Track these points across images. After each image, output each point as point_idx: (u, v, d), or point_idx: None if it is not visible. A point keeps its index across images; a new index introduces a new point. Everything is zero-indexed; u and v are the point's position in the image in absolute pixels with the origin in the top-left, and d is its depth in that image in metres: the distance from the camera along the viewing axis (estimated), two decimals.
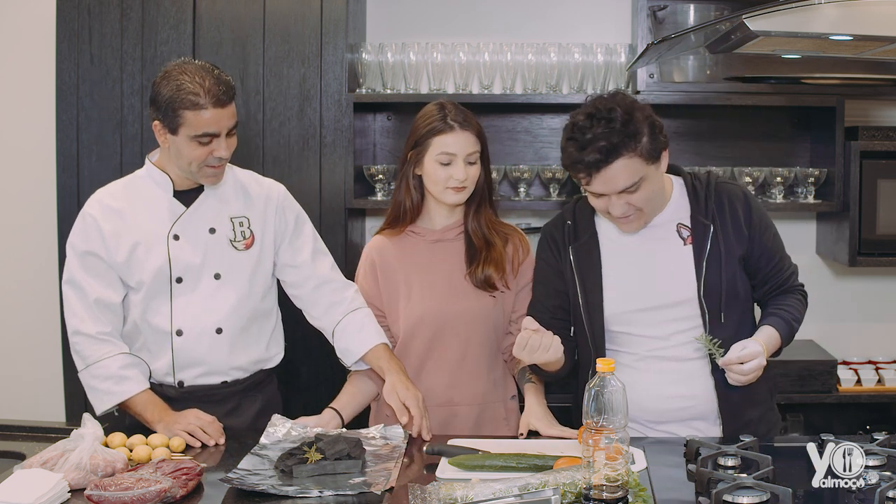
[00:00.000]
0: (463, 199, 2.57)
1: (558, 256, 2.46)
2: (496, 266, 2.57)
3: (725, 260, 2.34)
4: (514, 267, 2.61)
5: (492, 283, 2.57)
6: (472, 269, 2.57)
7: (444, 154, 2.52)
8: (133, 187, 2.51)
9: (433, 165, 2.53)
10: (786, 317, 2.37)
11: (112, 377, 2.42)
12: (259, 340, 2.57)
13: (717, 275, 2.32)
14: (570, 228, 2.45)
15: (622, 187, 2.22)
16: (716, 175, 2.45)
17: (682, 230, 2.38)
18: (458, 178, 2.52)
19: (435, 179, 2.54)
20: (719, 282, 2.32)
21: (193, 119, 2.34)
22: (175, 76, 2.36)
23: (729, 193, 2.39)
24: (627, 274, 2.39)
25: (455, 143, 2.52)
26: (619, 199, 2.24)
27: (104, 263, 2.45)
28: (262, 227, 2.55)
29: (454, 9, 3.77)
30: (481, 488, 1.85)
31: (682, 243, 2.37)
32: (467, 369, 2.58)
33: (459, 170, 2.52)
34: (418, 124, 2.58)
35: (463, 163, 2.53)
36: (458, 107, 2.58)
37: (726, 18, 2.15)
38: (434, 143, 2.53)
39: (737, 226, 2.36)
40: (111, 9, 3.37)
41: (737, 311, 2.37)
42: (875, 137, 3.43)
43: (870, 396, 3.51)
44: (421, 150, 2.55)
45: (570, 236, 2.44)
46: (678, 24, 3.53)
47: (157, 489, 1.89)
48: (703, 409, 2.37)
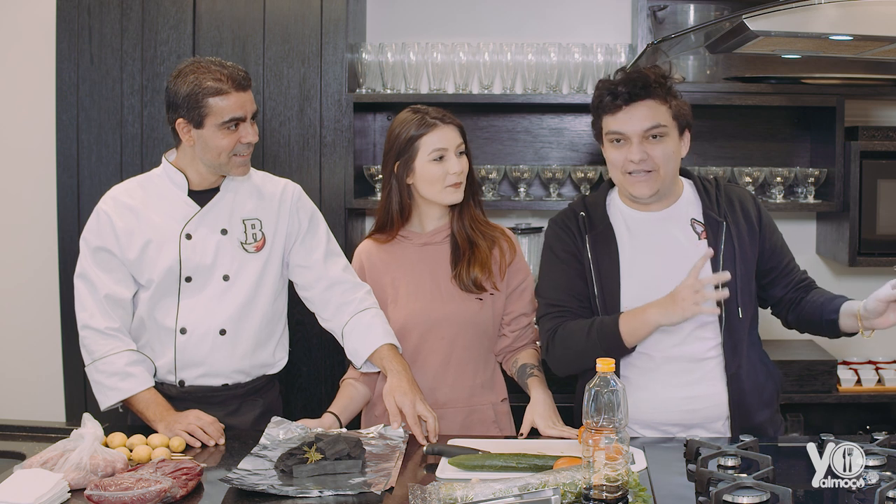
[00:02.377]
0: (461, 196, 2.56)
1: (576, 243, 2.43)
2: (482, 267, 2.56)
3: (740, 256, 2.36)
4: (500, 269, 2.60)
5: (479, 285, 2.56)
6: (457, 270, 2.57)
7: (435, 151, 2.52)
8: (149, 185, 2.52)
9: (427, 166, 2.52)
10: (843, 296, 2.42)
11: (117, 373, 2.42)
12: (266, 344, 2.57)
13: (732, 271, 2.33)
14: (584, 219, 2.46)
15: (647, 125, 2.29)
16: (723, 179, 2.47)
17: (696, 225, 2.40)
18: (455, 170, 2.52)
19: (432, 180, 2.53)
20: (735, 278, 2.33)
21: (219, 105, 2.36)
22: (191, 72, 2.37)
23: (738, 194, 2.45)
24: (644, 264, 2.39)
25: (443, 137, 2.53)
26: (641, 144, 2.30)
27: (116, 259, 2.46)
28: (273, 229, 2.55)
29: (454, 9, 3.77)
30: (481, 488, 1.85)
31: (697, 238, 2.39)
32: (452, 372, 2.57)
33: (454, 163, 2.52)
34: (398, 133, 2.55)
35: (455, 155, 2.53)
36: (432, 107, 2.58)
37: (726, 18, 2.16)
38: (423, 144, 2.52)
39: (749, 224, 2.40)
40: (111, 9, 3.37)
41: (750, 307, 2.39)
42: (875, 137, 3.43)
43: (870, 396, 3.51)
44: (409, 157, 2.53)
45: (585, 226, 2.45)
46: (678, 24, 3.53)
47: (157, 489, 1.89)
48: (715, 412, 2.36)
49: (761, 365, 2.42)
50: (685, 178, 2.48)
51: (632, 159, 2.31)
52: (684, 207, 2.42)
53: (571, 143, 3.79)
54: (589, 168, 3.57)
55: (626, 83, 2.30)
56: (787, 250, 2.48)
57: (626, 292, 2.37)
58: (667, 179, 2.36)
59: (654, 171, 2.32)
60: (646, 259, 2.39)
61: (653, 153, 2.31)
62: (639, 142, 2.30)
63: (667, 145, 2.32)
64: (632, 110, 2.30)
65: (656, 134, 2.30)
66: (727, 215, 2.39)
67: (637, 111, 2.30)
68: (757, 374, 2.39)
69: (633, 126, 2.30)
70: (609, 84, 2.33)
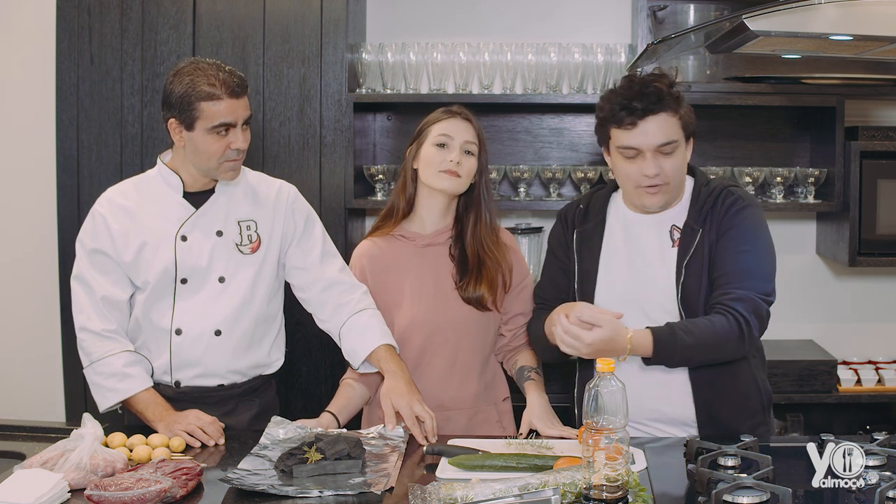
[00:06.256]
0: (455, 186, 2.55)
1: (567, 236, 2.50)
2: (489, 286, 2.57)
3: (707, 267, 2.33)
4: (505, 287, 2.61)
5: (484, 303, 2.57)
6: (462, 283, 2.57)
7: (441, 136, 2.55)
8: (144, 187, 2.52)
9: (429, 149, 2.55)
10: (676, 325, 2.23)
11: (116, 374, 2.42)
12: (261, 345, 2.57)
13: (696, 282, 2.32)
14: (581, 212, 2.49)
15: (662, 141, 2.28)
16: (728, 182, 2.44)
17: (675, 232, 2.39)
18: (453, 158, 2.52)
19: (429, 162, 2.55)
20: (698, 290, 2.32)
21: (210, 110, 2.35)
22: (187, 73, 2.37)
23: (726, 201, 2.36)
24: (619, 265, 2.41)
25: (453, 126, 2.56)
26: (654, 158, 2.29)
27: (112, 261, 2.46)
28: (269, 230, 2.55)
29: (454, 9, 3.77)
30: (481, 488, 1.85)
31: (671, 245, 2.38)
32: (458, 375, 2.58)
33: (455, 153, 2.53)
34: (420, 122, 2.63)
35: (459, 149, 2.54)
36: (462, 107, 2.63)
37: (726, 18, 2.15)
38: (433, 129, 2.57)
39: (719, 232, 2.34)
40: (111, 9, 3.37)
41: None
42: (875, 137, 3.43)
43: (870, 396, 3.51)
44: (420, 140, 2.59)
45: (579, 219, 2.49)
46: (678, 24, 3.53)
47: (157, 489, 1.89)
48: (682, 414, 2.37)
49: (744, 376, 2.37)
50: (688, 177, 2.46)
51: (647, 174, 2.30)
52: (679, 212, 2.41)
53: (571, 143, 3.79)
54: (589, 168, 3.57)
55: (641, 98, 2.27)
56: (724, 264, 2.29)
57: (599, 292, 2.41)
58: (677, 190, 2.38)
59: (666, 184, 2.32)
60: (621, 261, 2.41)
61: (665, 167, 2.31)
62: (653, 156, 2.30)
63: (677, 158, 2.32)
64: (646, 125, 2.28)
65: (668, 150, 2.30)
66: (706, 223, 2.35)
67: (650, 126, 2.28)
68: (734, 385, 2.35)
69: (647, 141, 2.29)
70: (622, 97, 2.30)
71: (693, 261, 2.33)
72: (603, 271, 2.41)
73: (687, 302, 2.31)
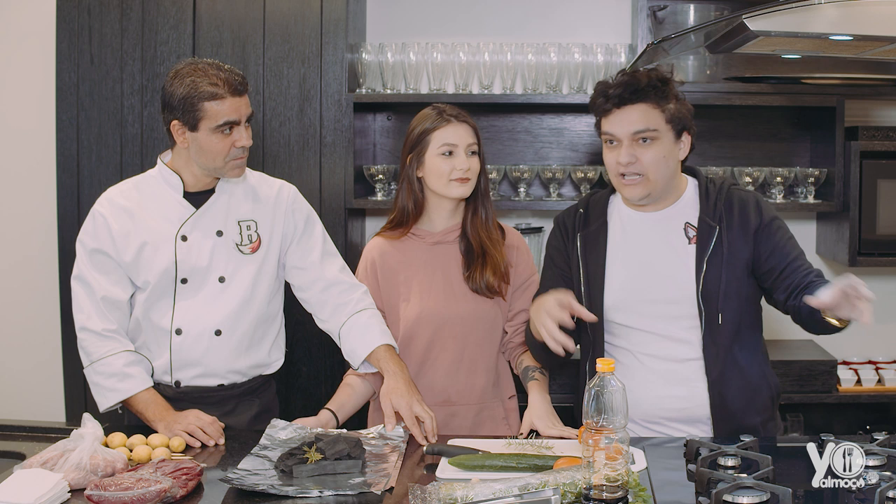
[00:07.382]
0: (468, 191, 2.58)
1: (567, 242, 2.49)
2: (494, 272, 2.58)
3: (727, 262, 2.34)
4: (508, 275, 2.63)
5: (493, 289, 2.59)
6: (470, 272, 2.59)
7: (445, 145, 2.55)
8: (144, 187, 2.52)
9: (435, 160, 2.55)
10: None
11: (116, 374, 2.42)
12: (261, 345, 2.57)
13: (717, 276, 2.33)
14: (581, 216, 2.50)
15: (636, 129, 2.30)
16: (730, 181, 2.46)
17: (689, 229, 2.40)
18: (462, 167, 2.54)
19: (438, 173, 2.55)
20: (718, 283, 2.33)
21: (214, 109, 2.36)
22: (187, 74, 2.37)
23: (740, 198, 2.41)
24: (630, 265, 2.41)
25: (454, 134, 2.56)
26: (630, 147, 2.31)
27: (112, 262, 2.46)
28: (269, 230, 2.55)
29: (454, 9, 3.77)
30: (481, 488, 1.85)
31: (687, 242, 2.38)
32: (465, 370, 2.59)
33: (462, 160, 2.55)
34: (414, 127, 2.61)
35: (464, 153, 2.55)
36: (452, 106, 2.62)
37: (726, 18, 2.15)
38: (434, 138, 2.56)
39: (744, 229, 2.37)
40: (111, 9, 3.37)
41: (736, 313, 2.36)
42: (875, 137, 3.43)
43: (870, 396, 3.51)
44: (421, 150, 2.58)
45: (580, 223, 2.49)
46: (678, 24, 3.53)
47: (157, 489, 1.89)
48: (698, 413, 2.37)
49: (756, 370, 2.40)
50: (691, 178, 2.47)
51: (620, 161, 2.33)
52: (681, 210, 2.42)
53: (571, 143, 3.79)
54: (589, 168, 3.57)
55: (619, 86, 2.32)
56: (789, 252, 2.36)
57: (608, 294, 2.40)
58: (659, 184, 2.36)
59: (644, 175, 2.33)
60: (632, 261, 2.41)
61: (642, 157, 2.32)
62: (628, 144, 2.32)
63: (657, 149, 2.32)
64: (622, 113, 2.32)
65: (646, 137, 2.31)
66: (722, 219, 2.37)
67: (627, 115, 2.31)
68: (747, 379, 2.37)
69: (622, 129, 2.32)
70: (604, 86, 2.36)
71: (714, 255, 2.34)
72: (610, 273, 2.41)
73: (707, 296, 2.33)
